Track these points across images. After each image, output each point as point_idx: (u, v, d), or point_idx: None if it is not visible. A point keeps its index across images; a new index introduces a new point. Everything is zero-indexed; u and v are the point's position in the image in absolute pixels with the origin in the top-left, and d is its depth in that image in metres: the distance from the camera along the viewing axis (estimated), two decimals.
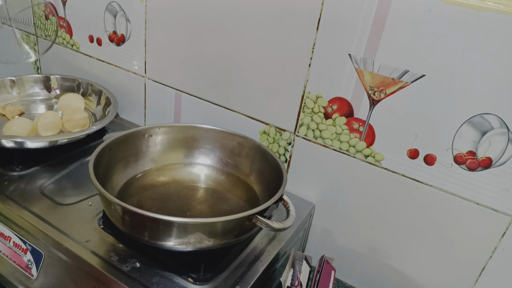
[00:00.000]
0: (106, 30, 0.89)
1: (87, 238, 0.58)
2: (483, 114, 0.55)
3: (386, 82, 0.60)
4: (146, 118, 0.93)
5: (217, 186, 0.71)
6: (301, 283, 0.55)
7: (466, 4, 0.52)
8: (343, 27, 0.61)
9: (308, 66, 0.66)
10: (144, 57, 0.86)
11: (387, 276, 0.71)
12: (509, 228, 0.58)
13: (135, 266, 0.54)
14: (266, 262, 0.59)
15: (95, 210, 0.64)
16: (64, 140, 0.71)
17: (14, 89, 0.91)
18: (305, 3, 0.63)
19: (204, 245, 0.52)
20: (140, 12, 0.82)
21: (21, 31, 1.06)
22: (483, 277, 0.63)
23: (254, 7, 0.68)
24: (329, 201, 0.73)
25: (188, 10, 0.76)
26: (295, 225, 0.67)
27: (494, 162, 0.57)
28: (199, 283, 0.53)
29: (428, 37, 0.55)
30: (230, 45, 0.73)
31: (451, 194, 0.61)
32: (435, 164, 0.61)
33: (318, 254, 0.69)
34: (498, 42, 0.51)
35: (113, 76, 0.93)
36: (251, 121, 0.77)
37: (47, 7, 0.96)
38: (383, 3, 0.57)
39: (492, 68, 0.53)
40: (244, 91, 0.75)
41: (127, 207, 0.50)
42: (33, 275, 0.59)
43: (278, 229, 0.52)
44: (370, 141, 0.65)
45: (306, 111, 0.69)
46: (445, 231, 0.63)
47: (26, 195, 0.65)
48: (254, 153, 0.71)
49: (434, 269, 0.66)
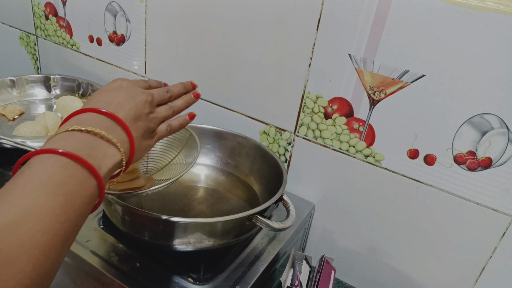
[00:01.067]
0: (106, 30, 0.89)
1: (87, 238, 0.58)
2: (483, 114, 0.55)
3: (386, 82, 0.60)
4: None
5: (217, 186, 0.71)
6: (301, 283, 0.55)
7: (466, 4, 0.52)
8: (343, 27, 0.61)
9: (308, 66, 0.66)
10: (144, 57, 0.86)
11: (387, 276, 0.72)
12: (509, 228, 0.58)
13: (135, 266, 0.54)
14: (266, 262, 0.59)
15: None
16: None
17: (14, 89, 0.91)
18: (305, 3, 0.63)
19: (204, 245, 0.52)
20: (140, 12, 0.82)
21: (21, 31, 1.06)
22: (483, 277, 0.62)
23: (254, 7, 0.68)
24: (329, 201, 0.73)
25: (188, 10, 0.76)
26: (295, 225, 0.67)
27: (494, 162, 0.57)
28: (199, 283, 0.53)
29: (428, 37, 0.55)
30: (230, 45, 0.73)
31: (451, 194, 0.61)
32: (435, 164, 0.61)
33: (318, 254, 0.69)
34: (498, 42, 0.51)
35: (113, 76, 0.93)
36: (251, 121, 0.77)
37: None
38: (383, 3, 0.57)
39: (492, 68, 0.53)
40: (244, 91, 0.75)
41: (127, 207, 0.50)
42: None
43: (278, 229, 0.52)
44: (370, 141, 0.65)
45: (306, 111, 0.69)
46: (445, 231, 0.63)
47: None
48: (254, 153, 0.71)
49: (434, 269, 0.66)
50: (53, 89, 0.94)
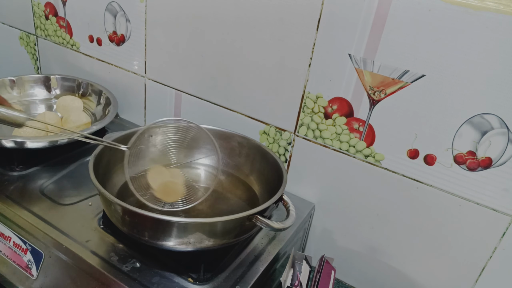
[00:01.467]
0: (106, 30, 0.89)
1: (87, 238, 0.58)
2: (483, 114, 0.55)
3: (386, 82, 0.60)
4: (146, 118, 0.93)
5: (217, 186, 0.71)
6: (301, 283, 0.55)
7: (466, 4, 0.52)
8: (343, 27, 0.61)
9: (308, 66, 0.66)
10: (144, 57, 0.86)
11: (387, 276, 0.71)
12: (509, 228, 0.58)
13: (135, 266, 0.54)
14: (266, 262, 0.59)
15: (95, 210, 0.64)
16: (64, 140, 0.71)
17: (14, 89, 0.91)
18: (305, 3, 0.63)
19: (204, 245, 0.52)
20: (140, 12, 0.82)
21: (21, 31, 1.06)
22: (483, 277, 0.62)
23: (254, 7, 0.68)
24: (329, 201, 0.73)
25: (188, 10, 0.76)
26: (295, 225, 0.67)
27: (494, 162, 0.57)
28: (199, 283, 0.53)
29: (428, 37, 0.55)
30: (230, 45, 0.73)
31: (451, 194, 0.61)
32: (435, 164, 0.61)
33: (318, 254, 0.69)
34: (498, 42, 0.51)
35: (113, 76, 0.93)
36: (251, 121, 0.76)
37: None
38: (383, 3, 0.57)
39: (492, 68, 0.53)
40: (244, 91, 0.75)
41: (127, 207, 0.50)
42: (33, 275, 0.59)
43: (278, 229, 0.52)
44: (370, 141, 0.65)
45: (306, 111, 0.69)
46: (445, 231, 0.63)
47: (26, 195, 0.65)
48: (254, 153, 0.71)
49: (434, 269, 0.66)
50: (53, 89, 0.94)
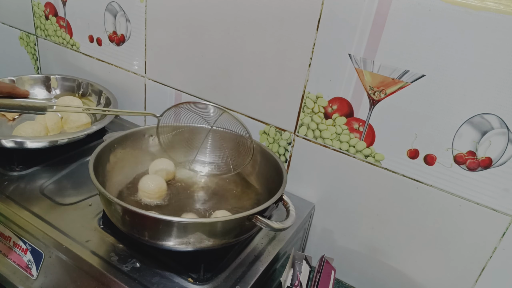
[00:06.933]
0: (106, 30, 0.89)
1: (87, 238, 0.58)
2: (483, 114, 0.55)
3: (386, 82, 0.60)
4: (146, 118, 0.93)
5: (217, 186, 0.71)
6: (301, 283, 0.55)
7: (466, 4, 0.52)
8: (343, 27, 0.61)
9: (308, 66, 0.66)
10: (144, 57, 0.86)
11: (387, 276, 0.71)
12: (509, 228, 0.58)
13: (135, 266, 0.54)
14: (266, 262, 0.59)
15: (95, 210, 0.64)
16: (64, 140, 0.71)
17: None
18: (305, 3, 0.63)
19: (204, 245, 0.52)
20: (140, 12, 0.82)
21: (21, 31, 1.06)
22: (483, 277, 0.62)
23: (254, 7, 0.68)
24: (329, 201, 0.73)
25: (188, 10, 0.76)
26: (295, 225, 0.67)
27: (494, 162, 0.57)
28: (199, 283, 0.53)
29: (428, 37, 0.55)
30: (230, 45, 0.73)
31: (451, 194, 0.61)
32: (435, 164, 0.61)
33: (318, 254, 0.69)
34: (498, 42, 0.51)
35: (113, 76, 0.93)
36: (251, 121, 0.76)
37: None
38: (383, 3, 0.57)
39: (492, 68, 0.53)
40: (244, 91, 0.75)
41: (127, 207, 0.50)
42: (33, 275, 0.59)
43: (278, 229, 0.52)
44: (370, 141, 0.65)
45: (306, 111, 0.69)
46: (445, 231, 0.63)
47: (26, 195, 0.65)
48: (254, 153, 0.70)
49: (434, 269, 0.66)
50: (53, 89, 0.94)
